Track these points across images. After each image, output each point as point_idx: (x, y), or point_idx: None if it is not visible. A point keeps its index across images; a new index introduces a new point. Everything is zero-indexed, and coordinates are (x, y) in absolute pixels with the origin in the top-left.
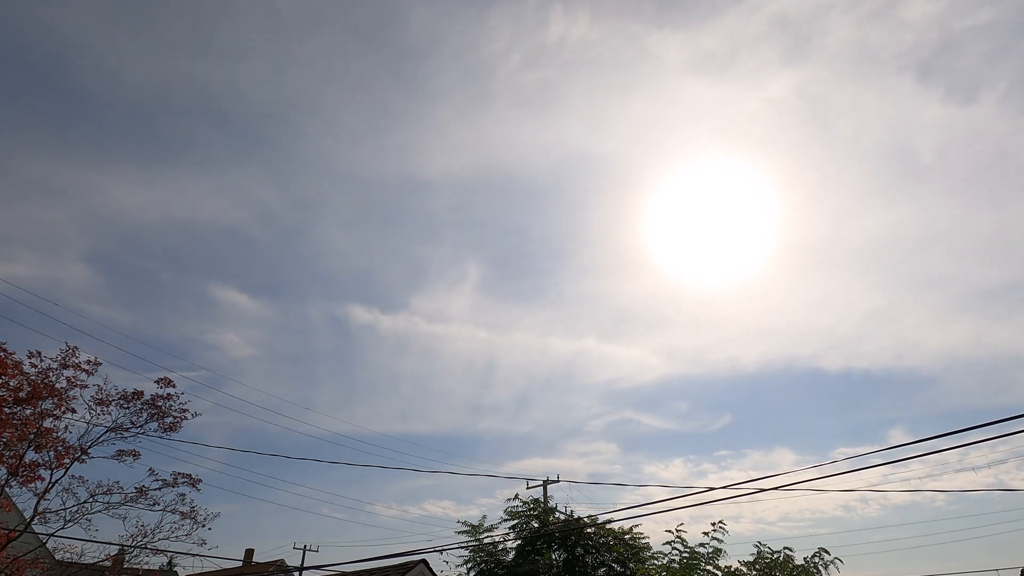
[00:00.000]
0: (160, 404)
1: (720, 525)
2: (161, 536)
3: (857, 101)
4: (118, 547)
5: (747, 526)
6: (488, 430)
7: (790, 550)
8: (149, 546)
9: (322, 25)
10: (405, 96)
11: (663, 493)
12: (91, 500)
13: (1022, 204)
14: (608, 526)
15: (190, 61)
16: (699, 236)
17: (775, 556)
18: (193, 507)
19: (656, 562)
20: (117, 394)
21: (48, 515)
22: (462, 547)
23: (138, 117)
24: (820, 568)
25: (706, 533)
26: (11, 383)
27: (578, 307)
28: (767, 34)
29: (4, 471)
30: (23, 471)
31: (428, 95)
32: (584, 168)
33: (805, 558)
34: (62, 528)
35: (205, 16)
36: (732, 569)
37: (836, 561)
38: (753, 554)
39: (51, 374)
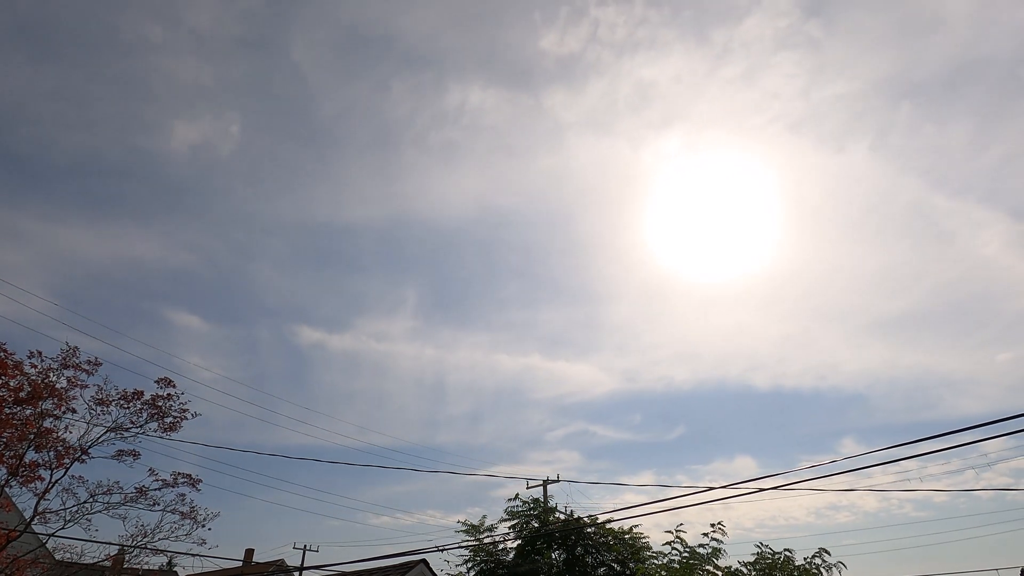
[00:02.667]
0: (160, 404)
1: (719, 525)
2: (161, 536)
3: (741, 152)
4: (118, 547)
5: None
6: (447, 442)
7: (790, 551)
8: (149, 546)
9: (240, 100)
10: (319, 157)
11: (659, 495)
12: (91, 500)
13: (906, 243)
14: (608, 526)
15: (119, 132)
16: (616, 271)
17: (775, 557)
18: (193, 507)
19: (656, 562)
20: (117, 394)
21: (48, 515)
22: (462, 547)
23: (75, 178)
24: (821, 570)
25: (705, 534)
26: (11, 383)
27: (508, 332)
28: (639, 99)
29: (4, 471)
30: (23, 471)
31: (341, 156)
32: (494, 214)
33: (805, 559)
34: (62, 528)
35: (131, 94)
36: (732, 569)
37: (839, 564)
38: (754, 554)
39: (51, 374)
